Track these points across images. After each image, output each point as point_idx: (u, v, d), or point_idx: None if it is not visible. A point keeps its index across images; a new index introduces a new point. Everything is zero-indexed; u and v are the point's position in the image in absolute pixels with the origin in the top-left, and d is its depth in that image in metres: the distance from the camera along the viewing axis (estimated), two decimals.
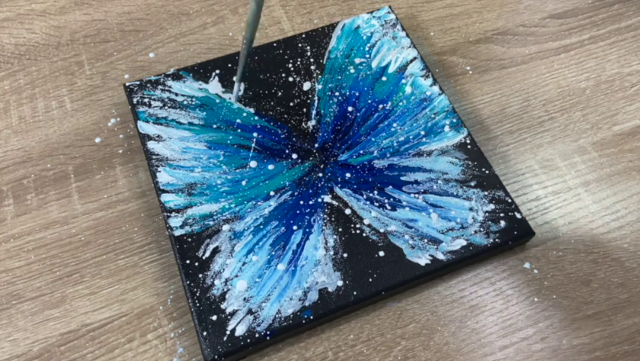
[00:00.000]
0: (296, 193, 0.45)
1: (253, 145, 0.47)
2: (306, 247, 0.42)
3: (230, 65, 0.51)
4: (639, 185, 0.47)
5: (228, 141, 0.47)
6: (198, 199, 0.44)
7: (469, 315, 0.42)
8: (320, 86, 0.50)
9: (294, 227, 0.43)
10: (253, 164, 0.46)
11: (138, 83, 0.49)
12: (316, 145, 0.47)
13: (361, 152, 0.47)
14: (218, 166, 0.46)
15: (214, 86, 0.50)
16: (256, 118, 0.48)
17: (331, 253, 0.42)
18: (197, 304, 0.40)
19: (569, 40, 0.55)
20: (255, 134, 0.47)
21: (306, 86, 0.50)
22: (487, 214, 0.44)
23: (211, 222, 0.43)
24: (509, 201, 0.44)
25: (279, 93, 0.50)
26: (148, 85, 0.49)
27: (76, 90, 0.52)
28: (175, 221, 0.43)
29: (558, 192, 0.47)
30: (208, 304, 0.40)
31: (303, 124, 0.48)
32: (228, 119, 0.48)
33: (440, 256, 0.42)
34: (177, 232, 0.42)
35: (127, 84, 0.49)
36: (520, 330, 0.41)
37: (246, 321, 0.39)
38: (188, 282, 0.41)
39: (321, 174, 0.46)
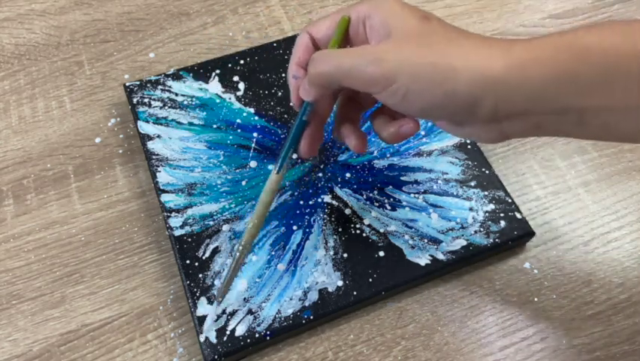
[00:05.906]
0: (296, 193, 0.45)
1: (253, 145, 0.47)
2: (306, 247, 0.42)
3: (230, 65, 0.51)
4: (639, 185, 0.47)
5: (228, 141, 0.47)
6: (198, 199, 0.44)
7: (469, 315, 0.42)
8: None
9: (294, 227, 0.43)
10: (253, 164, 0.46)
11: (138, 83, 0.49)
12: None
13: None
14: (218, 166, 0.46)
15: (214, 86, 0.50)
16: (256, 118, 0.48)
17: (331, 253, 0.42)
18: (197, 304, 0.40)
19: None
20: (255, 135, 0.47)
21: None
22: (487, 214, 0.44)
23: (211, 222, 0.43)
24: (509, 201, 0.44)
25: (279, 93, 0.50)
26: (148, 85, 0.49)
27: (76, 90, 0.52)
28: (175, 221, 0.43)
29: (558, 192, 0.47)
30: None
31: None
32: (228, 119, 0.48)
33: (440, 256, 0.42)
34: (177, 232, 0.42)
35: (127, 84, 0.49)
36: (520, 330, 0.41)
37: (246, 321, 0.39)
38: (188, 282, 0.41)
39: (321, 174, 0.46)
